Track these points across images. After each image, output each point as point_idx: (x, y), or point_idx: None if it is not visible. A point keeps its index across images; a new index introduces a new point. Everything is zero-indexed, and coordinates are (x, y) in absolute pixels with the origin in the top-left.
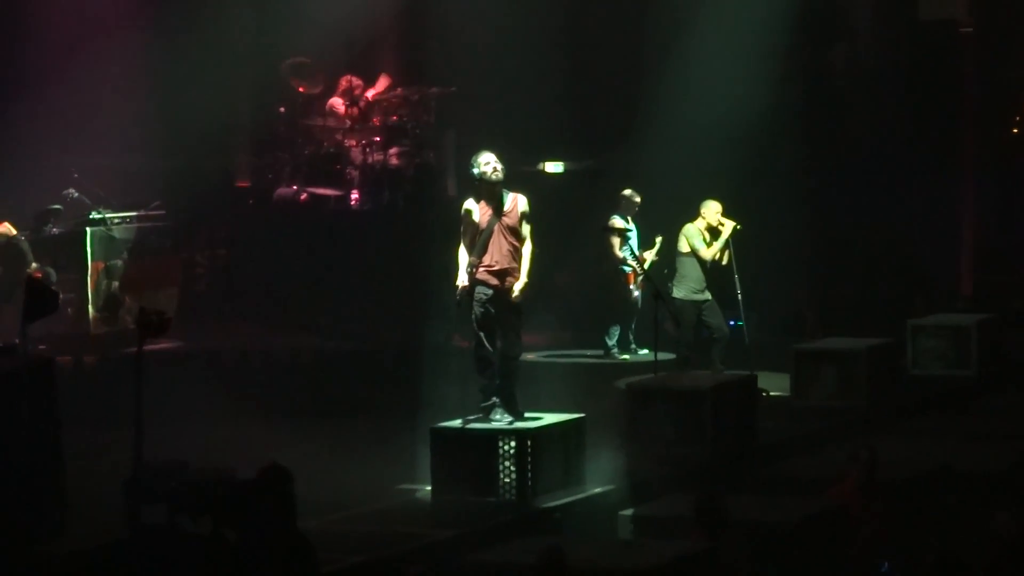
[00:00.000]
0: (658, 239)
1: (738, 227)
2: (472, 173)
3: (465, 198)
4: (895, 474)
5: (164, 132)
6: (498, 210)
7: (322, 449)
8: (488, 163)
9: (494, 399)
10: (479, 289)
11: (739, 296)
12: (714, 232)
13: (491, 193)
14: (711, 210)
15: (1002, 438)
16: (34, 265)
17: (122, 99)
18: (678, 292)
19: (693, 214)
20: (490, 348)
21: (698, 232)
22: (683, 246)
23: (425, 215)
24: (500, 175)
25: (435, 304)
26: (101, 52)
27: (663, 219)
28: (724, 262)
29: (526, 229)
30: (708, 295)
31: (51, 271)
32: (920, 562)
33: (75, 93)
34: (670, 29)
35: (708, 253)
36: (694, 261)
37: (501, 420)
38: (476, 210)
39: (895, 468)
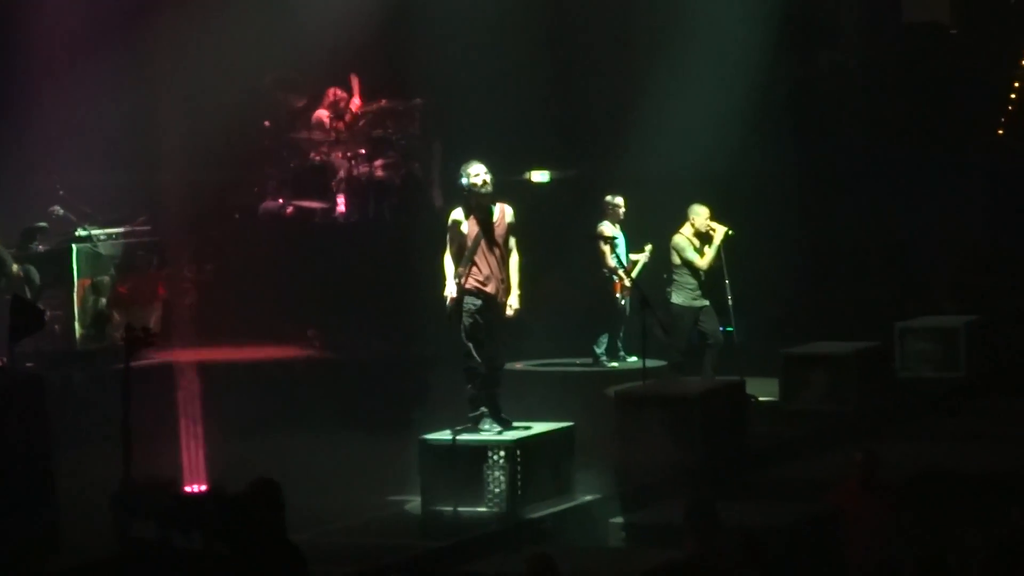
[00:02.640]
0: (647, 247)
1: (730, 232)
2: (460, 184)
3: (452, 208)
4: (887, 477)
5: (149, 148)
6: (487, 221)
7: (312, 461)
8: (477, 174)
9: (482, 409)
10: (468, 300)
11: (729, 301)
12: (703, 237)
13: (479, 204)
14: (699, 215)
15: (993, 439)
16: (15, 267)
17: (107, 115)
18: (677, 298)
19: (684, 220)
20: (479, 359)
21: (688, 242)
22: (675, 259)
23: (412, 226)
24: (489, 187)
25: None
26: (85, 69)
27: (652, 226)
28: (714, 267)
29: (512, 240)
30: (706, 301)
31: (32, 269)
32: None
33: (60, 110)
34: (655, 35)
35: (703, 262)
36: (690, 268)
37: (490, 430)
38: (464, 221)
39: (887, 471)
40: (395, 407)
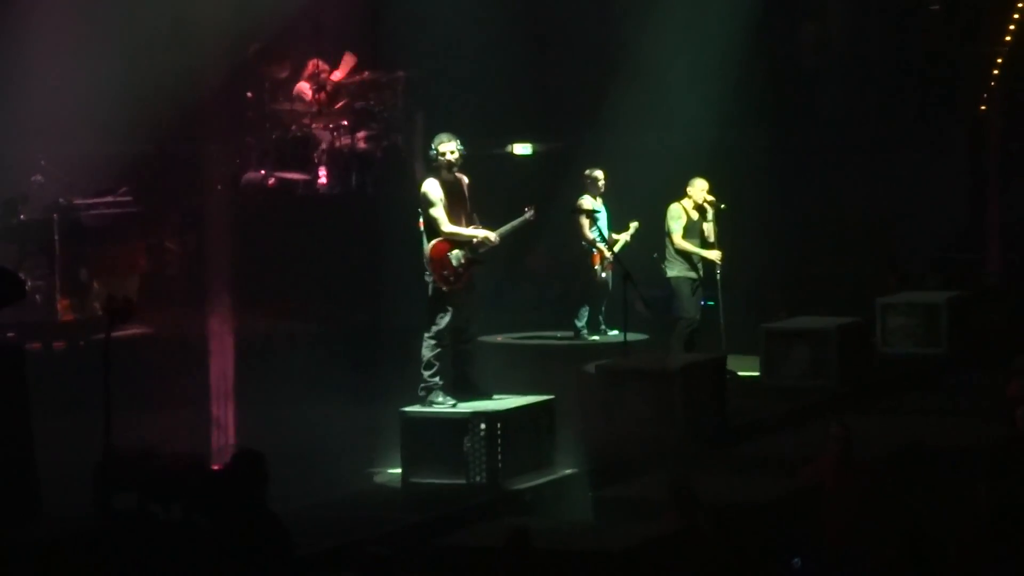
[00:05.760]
0: (633, 224)
1: (723, 206)
2: (432, 155)
3: (424, 179)
4: (868, 452)
5: (131, 118)
6: (457, 192)
7: (293, 433)
8: (451, 146)
9: (437, 380)
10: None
11: (718, 276)
12: (701, 210)
13: (451, 175)
14: (697, 188)
15: (973, 415)
16: None
17: (88, 85)
18: (672, 271)
19: (668, 194)
20: (444, 330)
21: (681, 212)
22: (666, 226)
23: (394, 198)
24: (459, 159)
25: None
26: (67, 38)
27: (634, 199)
28: (711, 240)
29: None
30: (696, 275)
31: None
32: (890, 540)
33: (41, 80)
34: (637, 8)
35: (676, 239)
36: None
37: (443, 403)
38: (438, 192)
39: (867, 446)
40: (377, 378)
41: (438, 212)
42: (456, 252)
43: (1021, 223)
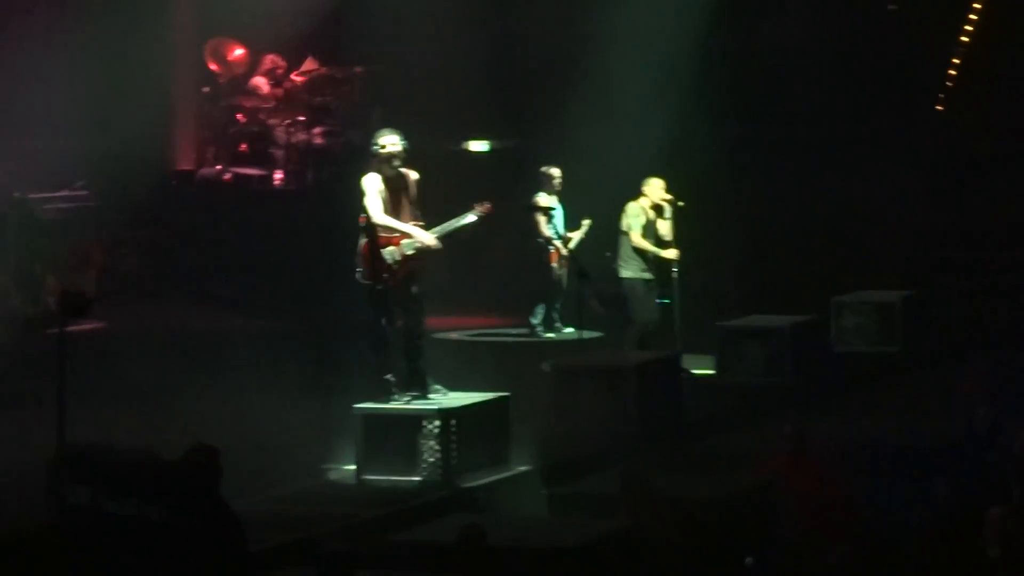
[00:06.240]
0: (585, 221)
1: (680, 204)
2: (374, 149)
3: (364, 174)
4: (823, 450)
5: (88, 113)
6: (399, 188)
7: (248, 429)
8: (389, 139)
9: (389, 377)
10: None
11: (674, 275)
12: (659, 209)
13: (392, 171)
14: (654, 187)
15: (927, 414)
16: None
17: (45, 81)
18: (626, 271)
19: (626, 193)
20: (388, 328)
21: (639, 211)
22: (624, 224)
23: (350, 193)
24: (403, 155)
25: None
26: (25, 33)
27: (591, 197)
28: (668, 239)
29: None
30: (651, 275)
31: None
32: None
33: None
34: (595, 5)
35: (635, 238)
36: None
37: (399, 399)
38: (378, 187)
39: (822, 444)
40: (333, 374)
41: (369, 201)
42: (391, 249)
43: (979, 222)
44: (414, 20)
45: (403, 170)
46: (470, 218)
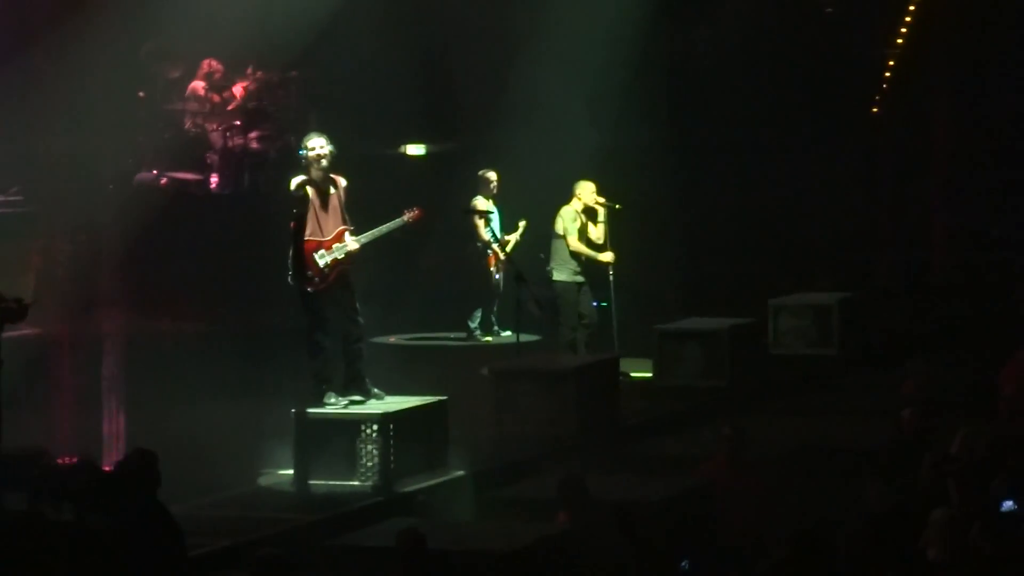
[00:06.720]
0: (521, 223)
1: (617, 207)
2: (302, 153)
3: (292, 178)
4: (760, 452)
5: (22, 116)
6: (326, 192)
7: (185, 433)
8: (316, 142)
9: (323, 386)
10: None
11: (611, 277)
12: (591, 212)
13: (319, 175)
14: (585, 190)
15: (864, 415)
16: None
17: None
18: (559, 275)
19: (562, 196)
20: (324, 332)
21: (574, 215)
22: (559, 228)
23: (286, 198)
24: (330, 159)
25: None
26: None
27: (526, 200)
28: (601, 242)
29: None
30: (583, 278)
31: None
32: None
33: None
34: (531, 6)
35: (573, 242)
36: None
37: (336, 404)
38: (305, 191)
39: (759, 446)
40: (270, 379)
41: (297, 217)
42: (322, 252)
43: (914, 224)
44: (350, 23)
45: (332, 175)
46: (398, 223)
